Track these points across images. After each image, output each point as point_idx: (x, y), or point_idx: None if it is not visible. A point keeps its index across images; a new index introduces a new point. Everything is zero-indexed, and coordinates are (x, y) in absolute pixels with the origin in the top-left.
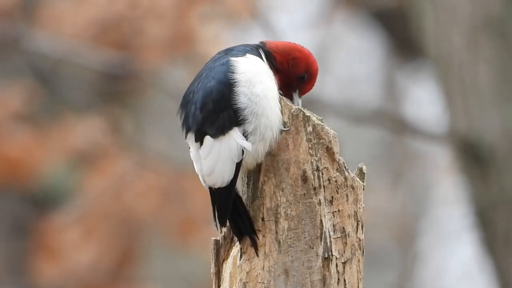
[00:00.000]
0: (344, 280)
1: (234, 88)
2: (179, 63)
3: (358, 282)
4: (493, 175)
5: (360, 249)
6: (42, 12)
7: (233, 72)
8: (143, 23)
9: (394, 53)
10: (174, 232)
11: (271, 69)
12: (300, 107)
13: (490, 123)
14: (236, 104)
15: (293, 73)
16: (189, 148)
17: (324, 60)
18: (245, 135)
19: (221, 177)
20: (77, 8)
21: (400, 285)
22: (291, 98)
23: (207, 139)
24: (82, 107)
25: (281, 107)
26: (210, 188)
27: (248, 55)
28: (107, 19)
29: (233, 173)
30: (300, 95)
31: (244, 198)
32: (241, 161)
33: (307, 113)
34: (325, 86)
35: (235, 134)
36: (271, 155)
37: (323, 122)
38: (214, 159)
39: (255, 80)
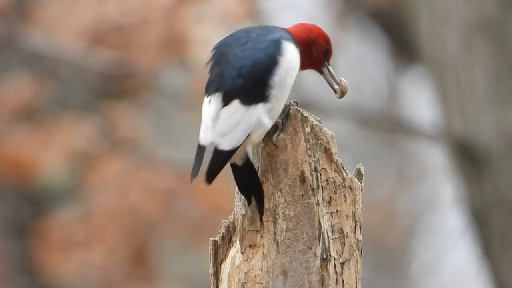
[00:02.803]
0: (343, 281)
1: (276, 68)
2: (175, 64)
3: (356, 283)
4: (488, 175)
5: (358, 250)
6: (38, 12)
7: (281, 55)
8: (137, 29)
9: (394, 55)
10: (181, 234)
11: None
12: (299, 108)
13: (485, 124)
14: (271, 82)
15: (318, 52)
16: (207, 102)
17: None
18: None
19: (231, 141)
20: (71, 11)
21: (396, 285)
22: (323, 72)
23: (235, 102)
24: (81, 107)
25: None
26: (201, 146)
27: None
28: (99, 27)
29: (241, 142)
30: (329, 64)
31: (242, 198)
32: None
33: (305, 113)
34: (325, 88)
35: (261, 108)
36: (269, 155)
37: (321, 122)
38: (232, 123)
39: (290, 74)
